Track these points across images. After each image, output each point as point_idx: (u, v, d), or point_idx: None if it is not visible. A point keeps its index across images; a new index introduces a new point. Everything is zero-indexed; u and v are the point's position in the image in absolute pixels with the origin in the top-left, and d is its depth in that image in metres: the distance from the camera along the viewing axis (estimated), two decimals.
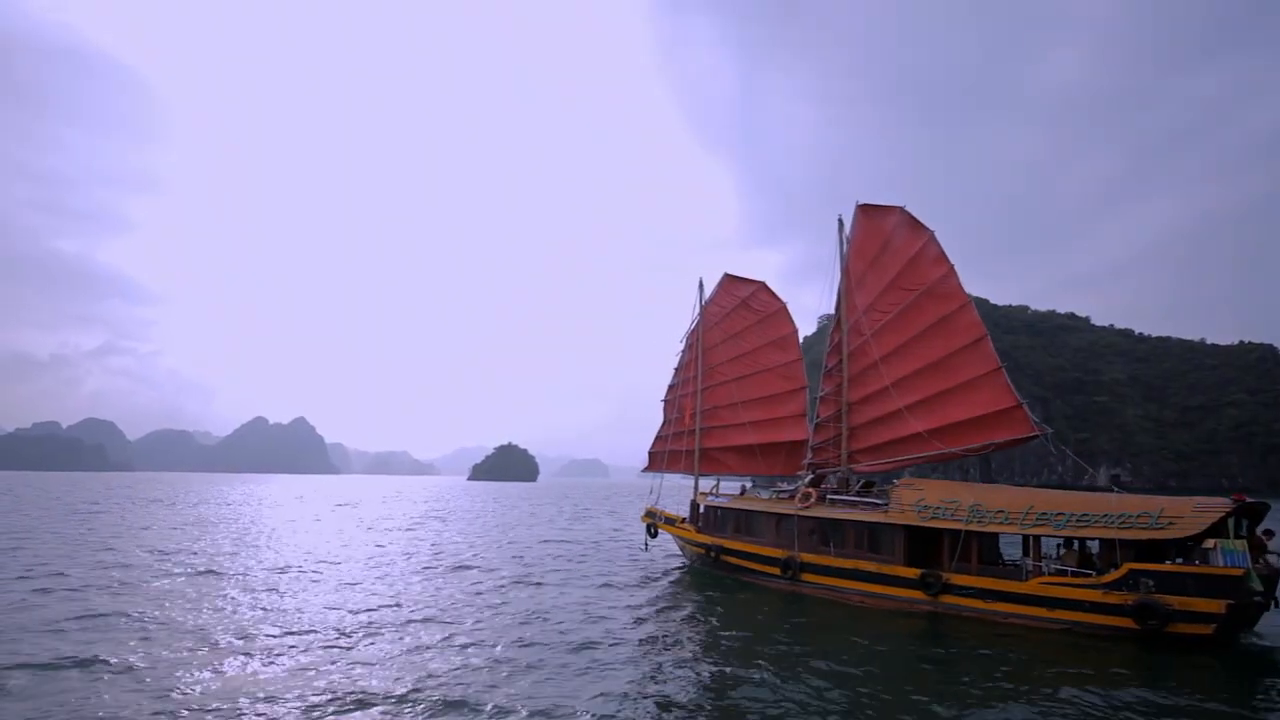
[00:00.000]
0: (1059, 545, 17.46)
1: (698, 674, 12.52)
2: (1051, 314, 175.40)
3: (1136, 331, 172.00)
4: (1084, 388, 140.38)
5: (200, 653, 13.06)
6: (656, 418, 31.97)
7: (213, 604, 17.57)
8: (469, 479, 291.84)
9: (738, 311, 29.74)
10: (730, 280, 30.45)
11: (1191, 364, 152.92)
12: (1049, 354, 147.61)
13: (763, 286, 29.98)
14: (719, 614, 18.31)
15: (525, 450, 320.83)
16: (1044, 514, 16.22)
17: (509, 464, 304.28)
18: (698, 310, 30.69)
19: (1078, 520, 15.74)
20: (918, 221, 24.01)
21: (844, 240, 24.94)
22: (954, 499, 17.99)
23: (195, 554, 27.54)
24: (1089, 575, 15.75)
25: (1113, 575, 14.93)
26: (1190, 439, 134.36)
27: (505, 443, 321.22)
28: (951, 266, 22.97)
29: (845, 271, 24.57)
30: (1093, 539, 16.07)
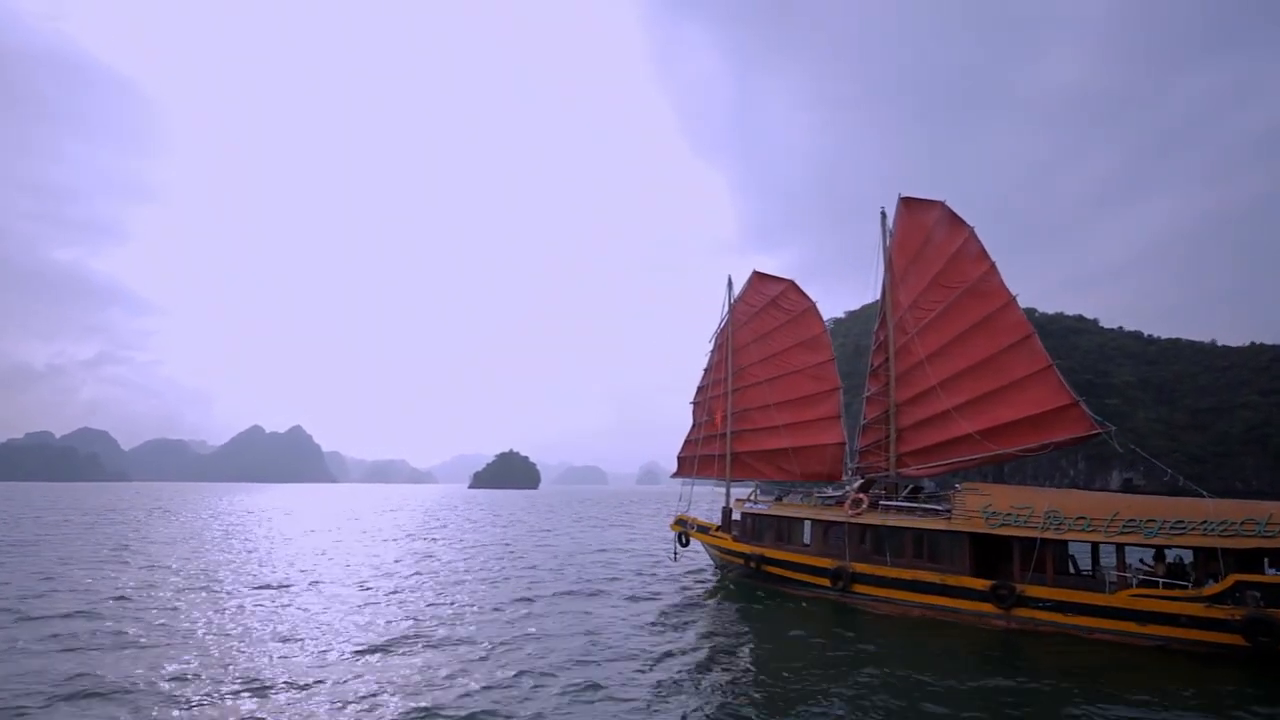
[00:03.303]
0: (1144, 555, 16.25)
1: (765, 694, 11.36)
2: (1060, 316, 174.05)
3: (1145, 333, 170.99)
4: (1094, 390, 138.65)
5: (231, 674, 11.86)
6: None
7: (246, 620, 16.39)
8: (470, 487, 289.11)
9: (767, 311, 28.66)
10: (759, 278, 29.40)
11: (1202, 366, 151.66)
12: (1058, 356, 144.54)
13: (792, 285, 28.93)
14: (771, 628, 17.18)
15: (526, 458, 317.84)
16: (1132, 520, 15.00)
17: (510, 471, 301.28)
18: (727, 309, 29.54)
19: (1172, 527, 14.52)
20: (958, 217, 23.22)
21: (886, 234, 23.90)
22: (1026, 505, 16.80)
23: (216, 569, 26.27)
24: (1182, 587, 14.55)
25: (1216, 587, 13.72)
26: (1203, 441, 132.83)
27: (505, 450, 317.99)
28: (993, 264, 22.27)
29: (888, 266, 23.54)
30: (1188, 548, 14.85)
